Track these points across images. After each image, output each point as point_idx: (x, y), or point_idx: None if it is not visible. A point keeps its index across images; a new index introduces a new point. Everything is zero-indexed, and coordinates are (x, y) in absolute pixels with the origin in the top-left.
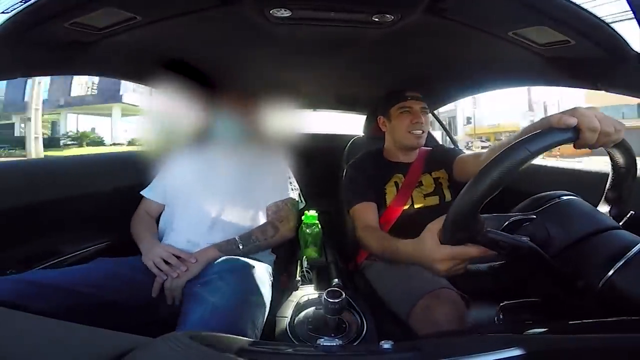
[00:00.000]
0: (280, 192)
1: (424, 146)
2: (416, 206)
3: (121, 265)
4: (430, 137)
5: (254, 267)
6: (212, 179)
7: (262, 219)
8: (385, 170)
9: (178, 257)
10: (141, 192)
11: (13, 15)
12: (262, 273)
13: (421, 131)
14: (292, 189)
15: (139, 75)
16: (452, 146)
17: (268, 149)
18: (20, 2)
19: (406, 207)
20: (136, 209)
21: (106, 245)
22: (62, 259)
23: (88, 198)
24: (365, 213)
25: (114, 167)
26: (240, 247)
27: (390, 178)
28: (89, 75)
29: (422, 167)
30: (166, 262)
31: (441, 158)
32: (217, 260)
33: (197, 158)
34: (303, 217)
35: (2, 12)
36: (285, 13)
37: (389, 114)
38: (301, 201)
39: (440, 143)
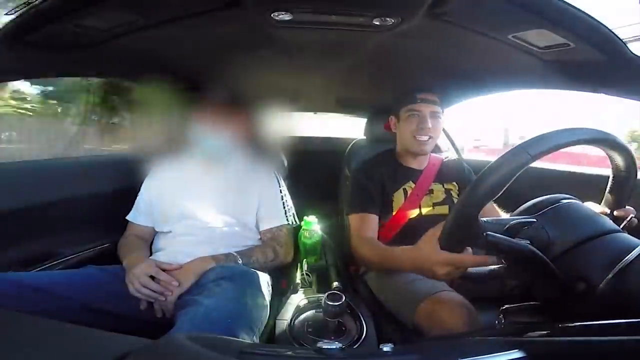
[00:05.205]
0: (275, 218)
1: (434, 152)
2: (424, 214)
3: (109, 273)
4: (436, 147)
5: (251, 274)
6: (203, 197)
7: (255, 240)
8: (396, 175)
9: (166, 270)
10: (127, 217)
11: (16, 18)
12: (261, 280)
13: (427, 137)
14: (287, 212)
15: (141, 77)
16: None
17: (261, 161)
18: (24, 4)
19: (414, 215)
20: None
21: (100, 250)
22: (56, 262)
23: (83, 200)
24: (362, 225)
25: (111, 168)
26: (240, 262)
27: (400, 185)
28: (91, 76)
29: (434, 175)
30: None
31: (455, 172)
32: (213, 268)
33: (184, 173)
34: (302, 223)
35: (6, 14)
36: (287, 16)
37: (398, 115)
38: (295, 222)
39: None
